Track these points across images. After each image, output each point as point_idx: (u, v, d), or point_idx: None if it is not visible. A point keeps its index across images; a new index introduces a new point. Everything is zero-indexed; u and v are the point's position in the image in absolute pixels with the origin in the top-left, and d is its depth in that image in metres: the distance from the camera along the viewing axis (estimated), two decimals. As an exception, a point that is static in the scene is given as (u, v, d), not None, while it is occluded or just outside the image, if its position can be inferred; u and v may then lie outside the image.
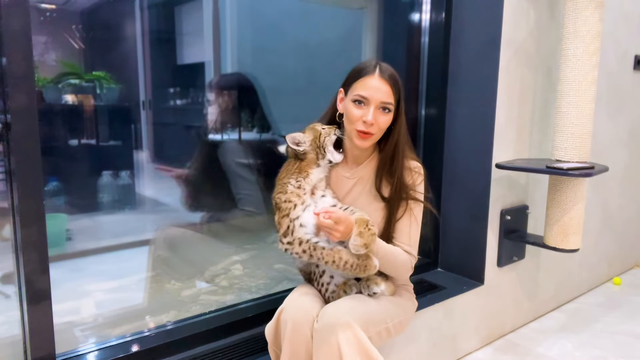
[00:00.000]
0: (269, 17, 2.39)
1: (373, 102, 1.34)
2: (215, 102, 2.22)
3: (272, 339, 1.38)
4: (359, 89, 1.35)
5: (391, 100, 1.36)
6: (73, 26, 2.13)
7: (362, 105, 1.35)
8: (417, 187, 1.46)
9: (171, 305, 1.95)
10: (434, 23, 2.16)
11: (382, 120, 1.36)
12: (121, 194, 2.34)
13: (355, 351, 1.23)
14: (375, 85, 1.34)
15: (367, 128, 1.35)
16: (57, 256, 2.14)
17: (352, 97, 1.36)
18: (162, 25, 2.46)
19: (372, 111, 1.33)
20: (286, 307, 1.33)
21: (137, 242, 2.35)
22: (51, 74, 2.09)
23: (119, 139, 2.37)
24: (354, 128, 1.37)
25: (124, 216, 2.40)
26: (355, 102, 1.36)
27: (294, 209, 1.35)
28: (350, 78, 1.40)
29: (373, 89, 1.34)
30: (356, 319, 1.27)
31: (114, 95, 2.25)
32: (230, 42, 2.36)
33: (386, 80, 1.35)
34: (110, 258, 2.34)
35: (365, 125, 1.34)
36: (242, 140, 2.25)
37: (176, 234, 2.14)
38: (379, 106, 1.35)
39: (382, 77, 1.35)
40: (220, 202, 2.23)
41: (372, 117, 1.33)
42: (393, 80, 1.36)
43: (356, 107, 1.36)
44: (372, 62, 1.38)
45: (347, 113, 1.39)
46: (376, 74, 1.35)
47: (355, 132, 1.37)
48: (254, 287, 2.09)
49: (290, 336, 1.28)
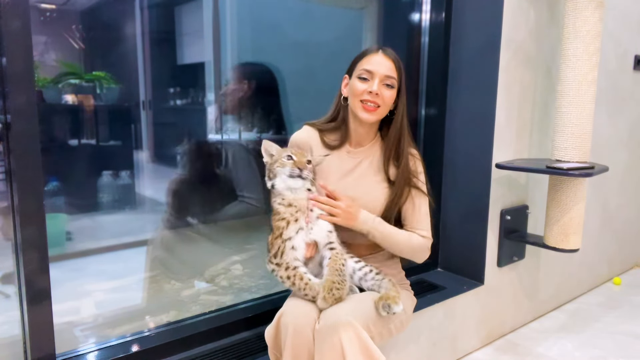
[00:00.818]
0: (269, 17, 2.39)
1: (377, 75, 1.40)
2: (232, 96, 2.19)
3: (272, 342, 1.37)
4: (364, 64, 1.41)
5: (394, 75, 1.42)
6: (73, 26, 2.13)
7: (367, 80, 1.41)
8: (419, 173, 1.52)
9: (171, 305, 1.95)
10: (434, 23, 2.16)
11: (386, 94, 1.41)
12: (121, 193, 2.34)
13: (358, 351, 1.23)
14: (379, 61, 1.41)
15: (372, 98, 1.40)
16: (57, 256, 2.14)
17: (357, 74, 1.42)
18: (162, 25, 2.46)
19: (376, 83, 1.39)
20: (286, 311, 1.32)
21: (137, 242, 2.35)
22: (51, 74, 2.09)
23: (119, 139, 2.37)
24: (358, 101, 1.42)
25: (123, 216, 2.40)
26: (360, 78, 1.41)
27: (286, 228, 1.36)
28: (354, 61, 1.46)
29: (377, 63, 1.40)
30: (358, 318, 1.27)
31: (114, 95, 2.25)
32: (230, 42, 2.36)
33: (389, 57, 1.42)
34: (110, 258, 2.34)
35: (371, 95, 1.39)
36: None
37: (176, 234, 2.14)
38: (383, 80, 1.40)
39: (385, 55, 1.42)
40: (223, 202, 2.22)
41: (377, 87, 1.39)
42: (395, 59, 1.43)
43: (361, 81, 1.41)
44: (374, 46, 1.46)
45: (352, 89, 1.44)
46: (380, 52, 1.43)
47: (360, 105, 1.42)
48: (254, 287, 2.09)
49: (292, 340, 1.28)
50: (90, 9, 2.21)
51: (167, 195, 2.14)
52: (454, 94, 2.17)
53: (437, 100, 2.19)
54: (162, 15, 2.46)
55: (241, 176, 2.16)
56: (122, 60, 2.35)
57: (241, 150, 2.21)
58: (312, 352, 1.28)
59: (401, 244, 1.47)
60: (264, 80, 2.20)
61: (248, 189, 2.15)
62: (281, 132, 2.28)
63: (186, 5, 2.46)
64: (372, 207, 1.46)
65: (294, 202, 1.37)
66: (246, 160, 2.18)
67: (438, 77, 2.17)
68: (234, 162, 2.18)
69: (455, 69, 2.15)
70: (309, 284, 1.33)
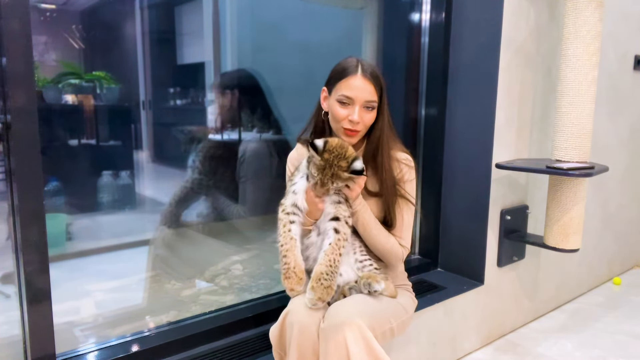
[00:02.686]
0: (269, 17, 2.39)
1: (358, 102, 1.38)
2: (224, 100, 2.20)
3: (276, 342, 1.37)
4: (343, 89, 1.38)
5: (375, 99, 1.40)
6: (73, 26, 2.13)
7: (347, 105, 1.39)
8: (406, 180, 1.49)
9: (171, 305, 1.95)
10: (434, 23, 2.16)
11: (367, 118, 1.41)
12: (121, 193, 2.34)
13: (363, 350, 1.24)
14: (359, 86, 1.37)
15: (353, 126, 1.39)
16: (57, 256, 2.14)
17: (336, 98, 1.40)
18: (162, 25, 2.46)
19: (357, 110, 1.38)
20: (291, 310, 1.32)
21: (137, 242, 2.35)
22: (51, 74, 2.09)
23: (119, 138, 2.37)
24: (340, 126, 1.41)
25: (124, 216, 2.40)
26: (340, 102, 1.39)
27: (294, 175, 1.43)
28: (333, 78, 1.43)
29: (357, 89, 1.37)
30: (363, 318, 1.27)
31: (114, 95, 2.25)
32: (230, 42, 2.36)
33: (369, 79, 1.38)
34: (110, 258, 2.34)
35: (352, 124, 1.38)
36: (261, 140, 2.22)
37: (176, 234, 2.14)
38: (364, 105, 1.38)
39: (364, 77, 1.38)
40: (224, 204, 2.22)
41: (357, 116, 1.37)
42: (375, 79, 1.39)
43: (341, 107, 1.39)
44: (353, 61, 1.40)
45: (332, 112, 1.43)
46: (359, 74, 1.38)
47: (341, 130, 1.41)
48: (254, 287, 2.09)
49: (298, 339, 1.28)
50: (90, 9, 2.21)
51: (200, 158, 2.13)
52: (454, 94, 2.17)
53: (437, 100, 2.19)
54: (162, 15, 2.46)
55: (250, 182, 2.16)
56: (122, 60, 2.35)
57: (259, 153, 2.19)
58: (317, 351, 1.29)
59: (378, 240, 1.45)
60: (247, 85, 2.20)
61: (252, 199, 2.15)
62: (280, 132, 2.28)
63: (186, 5, 2.46)
64: None
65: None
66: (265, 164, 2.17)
67: (438, 77, 2.17)
68: (248, 165, 2.17)
69: (455, 69, 2.15)
70: (288, 237, 1.34)
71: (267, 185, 2.18)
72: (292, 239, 1.34)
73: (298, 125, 1.63)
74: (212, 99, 2.37)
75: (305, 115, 1.65)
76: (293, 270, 1.32)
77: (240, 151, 2.20)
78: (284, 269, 1.33)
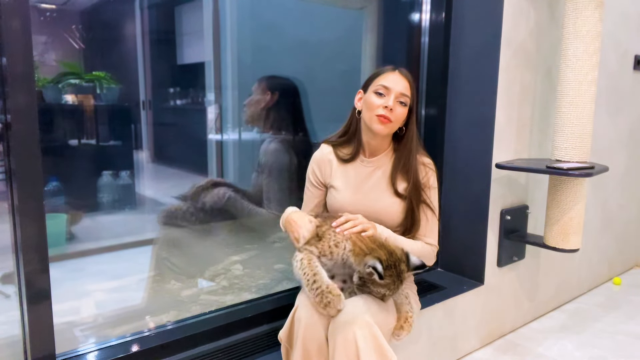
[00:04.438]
0: (269, 17, 2.39)
1: (393, 92, 1.47)
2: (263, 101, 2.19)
3: (285, 337, 1.38)
4: (381, 80, 1.49)
5: (408, 94, 1.49)
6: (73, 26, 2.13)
7: (383, 96, 1.48)
8: (431, 185, 1.57)
9: (171, 305, 1.95)
10: (434, 23, 2.16)
11: (399, 111, 1.49)
12: (121, 193, 2.34)
13: (372, 348, 1.25)
14: (395, 79, 1.49)
15: (387, 113, 1.46)
16: (57, 256, 2.14)
17: (374, 89, 1.50)
18: (162, 25, 2.46)
19: (392, 98, 1.47)
20: (300, 305, 1.34)
21: (137, 242, 2.35)
22: (51, 74, 2.09)
23: (119, 138, 2.37)
24: (373, 115, 1.48)
25: (124, 216, 2.40)
26: (376, 93, 1.49)
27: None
28: (370, 78, 1.54)
29: (393, 81, 1.49)
30: (372, 316, 1.29)
31: (114, 95, 2.25)
32: (230, 42, 2.36)
33: (405, 76, 1.51)
34: (110, 258, 2.34)
35: (386, 110, 1.46)
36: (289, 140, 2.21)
37: (176, 234, 2.14)
38: (398, 98, 1.48)
39: (401, 73, 1.51)
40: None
41: (392, 103, 1.46)
42: (410, 80, 1.52)
43: (377, 96, 1.49)
44: (390, 66, 1.54)
45: (367, 103, 1.51)
46: (396, 72, 1.51)
47: (375, 118, 1.48)
48: (254, 287, 2.09)
49: (304, 334, 1.30)
50: (90, 9, 2.21)
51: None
52: (454, 94, 2.17)
53: (437, 100, 2.19)
54: (162, 15, 2.46)
55: (274, 183, 2.14)
56: (122, 60, 2.36)
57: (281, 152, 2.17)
58: (323, 347, 1.30)
59: (414, 254, 1.52)
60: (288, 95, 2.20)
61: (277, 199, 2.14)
62: (300, 133, 2.26)
63: (186, 5, 2.46)
64: (390, 224, 1.53)
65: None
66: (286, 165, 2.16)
67: (438, 77, 2.17)
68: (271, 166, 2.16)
69: (455, 69, 2.15)
70: (310, 266, 1.32)
71: (287, 185, 2.17)
72: (317, 267, 1.32)
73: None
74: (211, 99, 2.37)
75: (306, 114, 1.65)
76: (328, 291, 1.27)
77: (262, 150, 2.19)
78: (318, 294, 1.26)
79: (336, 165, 1.59)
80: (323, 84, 2.31)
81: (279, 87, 2.16)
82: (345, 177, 1.57)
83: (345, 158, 1.58)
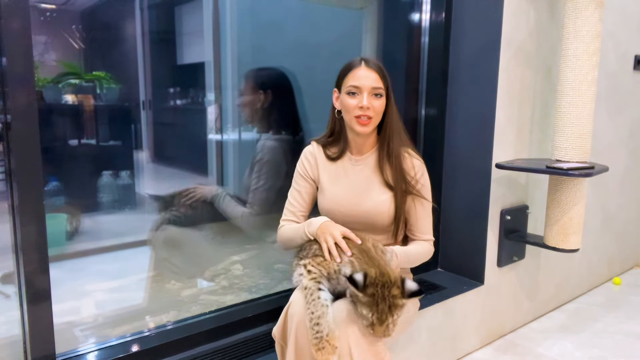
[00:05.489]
0: (269, 17, 2.39)
1: (365, 89, 1.45)
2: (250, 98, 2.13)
3: (279, 334, 1.38)
4: (350, 80, 1.46)
5: (380, 85, 1.46)
6: (73, 26, 2.13)
7: (356, 95, 1.46)
8: (420, 176, 1.55)
9: (171, 305, 1.95)
10: (434, 23, 2.16)
11: (376, 104, 1.46)
12: (121, 193, 2.34)
13: (365, 346, 1.25)
14: (363, 75, 1.46)
15: (364, 112, 1.45)
16: (57, 256, 2.14)
17: (345, 90, 1.47)
18: (162, 25, 2.46)
19: (365, 97, 1.44)
20: (293, 302, 1.34)
21: (137, 242, 2.35)
22: (51, 74, 2.09)
23: (119, 138, 2.37)
24: (352, 116, 1.47)
25: (124, 216, 2.40)
26: (349, 93, 1.47)
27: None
28: (340, 76, 1.52)
29: (362, 78, 1.45)
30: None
31: (114, 95, 2.25)
32: (230, 42, 2.36)
33: (372, 68, 1.47)
34: (110, 258, 2.34)
35: (362, 109, 1.44)
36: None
37: (176, 234, 2.14)
38: (371, 92, 1.45)
39: (368, 67, 1.47)
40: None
41: (367, 102, 1.44)
42: (379, 68, 1.47)
43: (351, 97, 1.46)
44: (357, 58, 1.49)
45: (343, 105, 1.49)
46: (362, 66, 1.47)
47: (354, 120, 1.47)
48: (254, 287, 2.09)
49: (297, 330, 1.29)
50: (90, 9, 2.21)
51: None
52: (454, 94, 2.17)
53: (437, 100, 2.19)
54: (162, 15, 2.46)
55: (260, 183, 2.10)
56: (122, 60, 2.35)
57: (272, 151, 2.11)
58: None
59: (419, 260, 1.57)
60: (280, 86, 2.15)
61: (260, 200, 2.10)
62: (298, 133, 2.23)
63: (186, 5, 2.46)
64: (381, 223, 1.52)
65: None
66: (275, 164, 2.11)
67: (438, 77, 2.17)
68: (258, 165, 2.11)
69: (455, 69, 2.15)
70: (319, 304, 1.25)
71: (276, 185, 2.14)
72: (323, 306, 1.26)
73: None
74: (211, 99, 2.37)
75: (305, 114, 1.65)
76: (326, 339, 1.23)
77: (258, 148, 2.15)
78: (316, 337, 1.23)
79: (324, 164, 1.58)
80: (323, 85, 2.30)
81: (270, 83, 2.10)
82: (334, 176, 1.56)
83: (333, 156, 1.57)
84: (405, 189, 1.52)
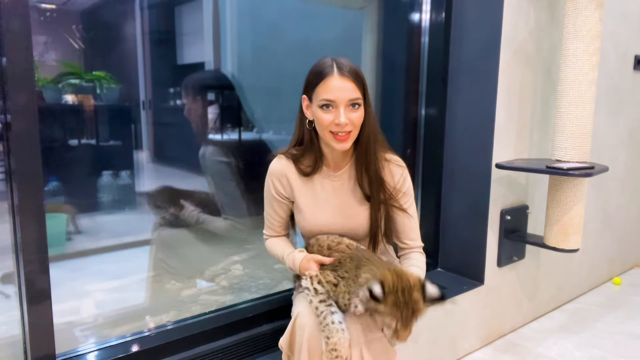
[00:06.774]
0: (269, 17, 2.39)
1: (341, 102, 1.29)
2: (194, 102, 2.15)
3: (287, 345, 1.35)
4: (323, 93, 1.29)
5: (358, 95, 1.30)
6: (73, 26, 2.13)
7: (331, 109, 1.30)
8: (399, 182, 1.43)
9: (171, 305, 1.95)
10: (434, 23, 2.16)
11: (354, 116, 1.31)
12: (121, 193, 2.34)
13: (380, 353, 1.27)
14: (338, 86, 1.28)
15: (342, 129, 1.30)
16: (57, 256, 2.14)
17: (318, 103, 1.31)
18: (162, 25, 2.46)
19: (342, 112, 1.28)
20: (302, 313, 1.29)
21: (137, 242, 2.35)
22: (51, 74, 2.08)
23: (119, 138, 2.36)
24: (327, 132, 1.32)
25: (124, 216, 2.40)
26: (322, 107, 1.31)
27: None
28: (311, 83, 1.34)
29: (337, 89, 1.28)
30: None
31: (114, 95, 2.24)
32: (230, 42, 2.36)
33: (347, 77, 1.29)
34: (110, 258, 2.34)
35: (340, 126, 1.29)
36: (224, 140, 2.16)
37: (176, 234, 2.14)
38: (348, 104, 1.29)
39: (342, 76, 1.29)
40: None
41: (344, 118, 1.28)
42: (354, 74, 1.30)
43: (325, 112, 1.30)
44: (327, 61, 1.32)
45: (317, 120, 1.33)
46: (335, 74, 1.29)
47: (330, 136, 1.32)
48: (254, 287, 2.09)
49: (308, 342, 1.26)
50: (90, 9, 2.21)
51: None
52: (454, 94, 2.17)
53: (437, 100, 2.19)
54: (162, 15, 2.46)
55: (226, 192, 2.11)
56: (122, 60, 2.35)
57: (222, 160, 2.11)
58: None
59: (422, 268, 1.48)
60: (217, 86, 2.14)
61: (232, 206, 2.10)
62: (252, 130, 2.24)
63: (186, 5, 2.46)
64: (361, 232, 1.43)
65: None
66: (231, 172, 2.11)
67: (438, 77, 2.17)
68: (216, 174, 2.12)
69: (455, 69, 2.15)
70: (335, 329, 1.22)
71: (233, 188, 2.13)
72: (339, 331, 1.21)
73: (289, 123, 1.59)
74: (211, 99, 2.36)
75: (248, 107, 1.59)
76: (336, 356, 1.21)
77: (199, 157, 2.15)
78: (331, 350, 1.21)
79: (297, 182, 1.43)
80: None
81: (205, 87, 2.09)
82: (311, 194, 1.43)
83: (307, 171, 1.41)
84: (385, 200, 1.41)
